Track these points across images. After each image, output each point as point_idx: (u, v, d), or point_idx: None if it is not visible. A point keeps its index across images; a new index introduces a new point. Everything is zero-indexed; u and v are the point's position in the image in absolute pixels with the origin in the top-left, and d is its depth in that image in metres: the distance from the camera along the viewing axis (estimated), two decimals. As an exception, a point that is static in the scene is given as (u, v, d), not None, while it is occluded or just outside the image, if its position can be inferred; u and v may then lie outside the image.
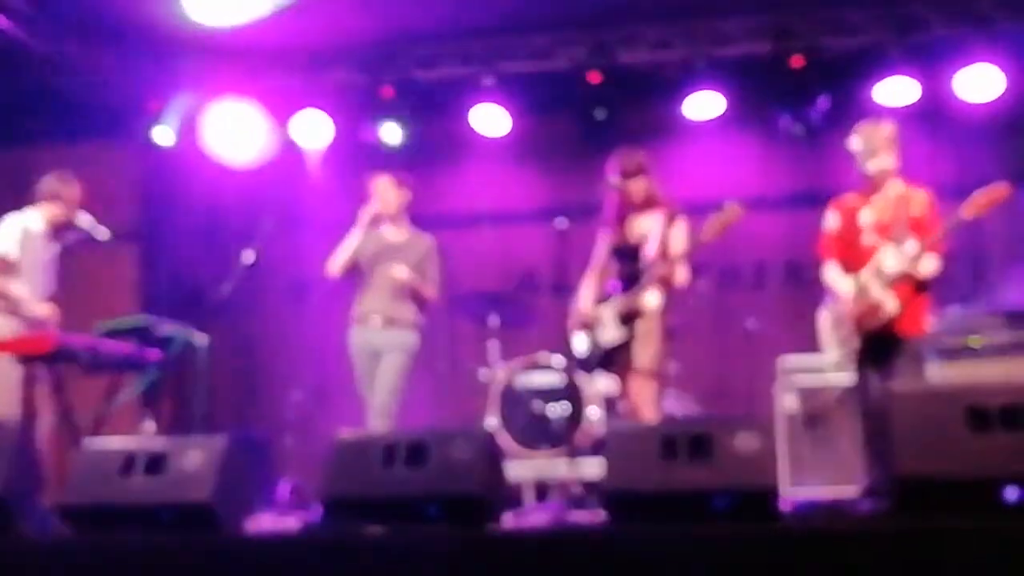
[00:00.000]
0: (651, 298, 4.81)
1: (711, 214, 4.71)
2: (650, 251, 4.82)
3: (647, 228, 4.88)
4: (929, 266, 4.51)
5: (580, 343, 5.02)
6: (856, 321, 4.49)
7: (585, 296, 5.05)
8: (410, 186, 5.69)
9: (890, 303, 4.50)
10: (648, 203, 4.91)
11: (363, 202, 5.65)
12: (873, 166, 4.58)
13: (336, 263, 5.59)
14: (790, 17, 6.76)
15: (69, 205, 5.34)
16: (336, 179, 5.71)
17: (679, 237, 4.85)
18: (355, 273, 5.65)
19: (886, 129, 4.63)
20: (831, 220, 4.77)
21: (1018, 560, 2.88)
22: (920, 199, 4.63)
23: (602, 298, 4.99)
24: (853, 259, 4.58)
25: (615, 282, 4.97)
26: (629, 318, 4.83)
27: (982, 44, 6.52)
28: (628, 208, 4.94)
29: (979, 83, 6.57)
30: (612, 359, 4.92)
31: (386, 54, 7.30)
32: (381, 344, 5.52)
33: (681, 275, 4.84)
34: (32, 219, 5.30)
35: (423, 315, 5.65)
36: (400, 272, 5.45)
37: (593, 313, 4.96)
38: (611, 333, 4.90)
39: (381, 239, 5.64)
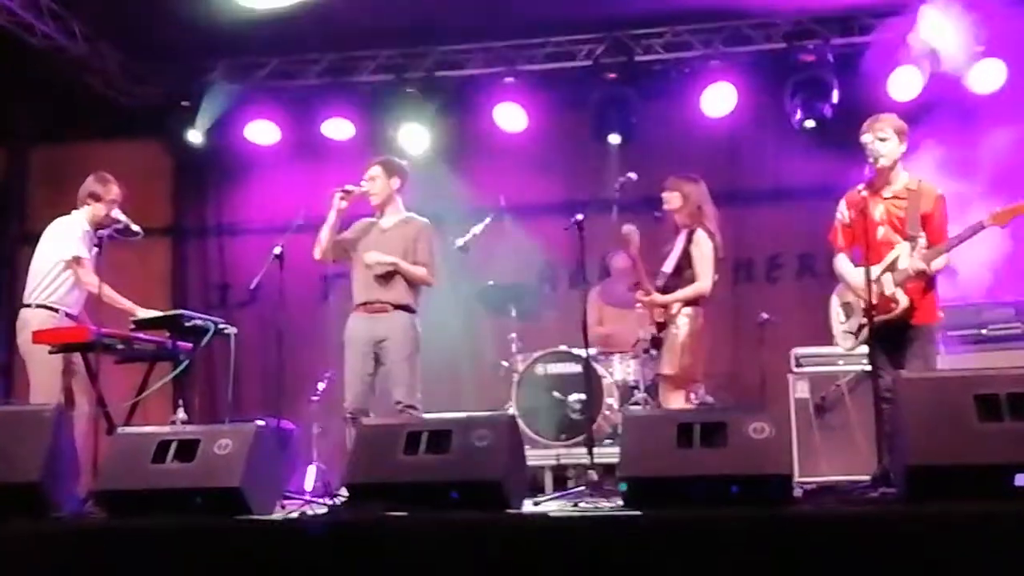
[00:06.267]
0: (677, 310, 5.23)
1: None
2: (667, 267, 5.27)
3: (675, 247, 5.31)
4: (940, 263, 4.60)
5: None
6: (868, 311, 4.55)
7: None
8: (402, 174, 5.57)
9: (903, 299, 4.57)
10: (680, 225, 5.32)
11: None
12: (884, 160, 4.64)
13: (319, 248, 5.46)
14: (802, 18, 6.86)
15: (108, 204, 5.49)
16: (359, 175, 5.78)
17: (696, 250, 5.23)
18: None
19: (896, 123, 4.69)
20: (842, 213, 4.84)
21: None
22: (930, 195, 4.68)
23: None
24: (867, 253, 4.58)
25: None
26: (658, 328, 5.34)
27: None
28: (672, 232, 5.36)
29: (987, 76, 6.62)
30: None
31: (411, 55, 7.42)
32: (371, 331, 5.30)
33: (702, 284, 5.23)
34: (78, 220, 5.47)
35: (414, 297, 5.39)
36: (369, 258, 5.30)
37: None
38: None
39: (371, 227, 5.54)
